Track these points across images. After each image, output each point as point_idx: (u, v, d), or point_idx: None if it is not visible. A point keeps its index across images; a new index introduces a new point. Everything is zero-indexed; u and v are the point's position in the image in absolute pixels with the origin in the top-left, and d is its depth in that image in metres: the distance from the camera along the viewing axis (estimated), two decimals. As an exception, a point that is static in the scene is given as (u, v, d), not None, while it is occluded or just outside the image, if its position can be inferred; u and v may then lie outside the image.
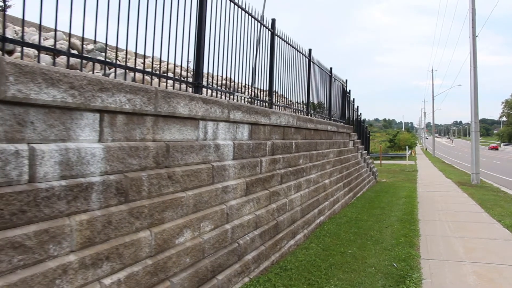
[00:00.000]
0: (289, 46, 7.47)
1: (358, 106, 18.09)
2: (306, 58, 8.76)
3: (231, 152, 4.83)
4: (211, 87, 4.89)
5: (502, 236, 7.37)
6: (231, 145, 4.83)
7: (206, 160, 4.32)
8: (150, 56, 6.06)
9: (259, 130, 5.65)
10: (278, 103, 7.09)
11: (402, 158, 38.76)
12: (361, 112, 19.12)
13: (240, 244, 4.78)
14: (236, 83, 5.64)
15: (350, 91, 15.29)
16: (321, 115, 10.13)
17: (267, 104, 6.49)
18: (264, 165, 5.71)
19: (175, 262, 3.66)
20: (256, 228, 5.28)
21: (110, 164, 3.08)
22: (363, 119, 21.00)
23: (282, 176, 6.35)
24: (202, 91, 4.66)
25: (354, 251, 6.22)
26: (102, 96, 2.99)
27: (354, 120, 16.31)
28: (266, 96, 6.54)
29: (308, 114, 8.84)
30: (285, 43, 7.22)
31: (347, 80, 14.41)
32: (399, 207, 10.52)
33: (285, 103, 7.50)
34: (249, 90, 6.05)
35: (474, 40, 17.86)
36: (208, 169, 4.31)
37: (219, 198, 4.49)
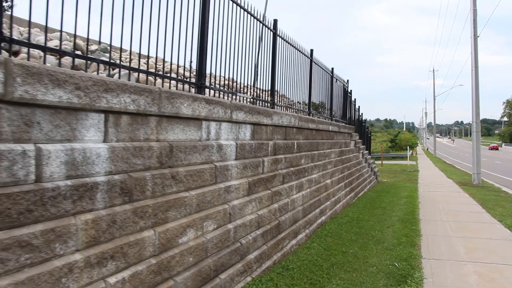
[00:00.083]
0: (290, 47, 7.49)
1: (359, 106, 18.11)
2: (307, 59, 8.79)
3: (233, 152, 4.85)
4: (213, 87, 4.92)
5: (503, 236, 7.39)
6: (233, 145, 4.86)
7: (209, 160, 4.35)
8: (153, 57, 6.11)
9: (261, 130, 5.68)
10: (280, 103, 7.12)
11: (403, 158, 38.75)
12: (362, 112, 19.13)
13: (242, 244, 4.81)
14: (238, 84, 5.66)
15: (351, 91, 15.31)
16: (322, 115, 10.15)
17: (269, 104, 6.52)
18: (266, 165, 5.74)
19: (178, 262, 3.69)
20: (258, 228, 5.31)
21: (114, 164, 3.11)
22: (365, 119, 21.01)
23: (284, 176, 6.38)
24: (205, 91, 4.68)
25: (355, 251, 6.24)
26: (107, 97, 3.02)
27: (355, 120, 16.32)
28: (268, 96, 6.56)
29: (310, 114, 8.86)
30: (287, 43, 7.25)
31: (348, 80, 14.42)
32: (400, 207, 10.53)
33: (287, 103, 7.52)
34: (251, 91, 6.07)
35: (475, 40, 17.87)
36: (211, 169, 4.34)
37: (221, 198, 4.52)
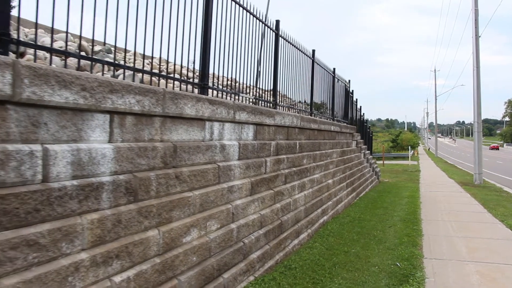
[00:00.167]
0: (292, 47, 7.52)
1: (361, 106, 18.12)
2: (309, 59, 8.82)
3: (236, 152, 4.88)
4: (217, 88, 4.95)
5: (505, 236, 7.40)
6: (236, 145, 4.89)
7: (212, 160, 4.38)
8: (156, 57, 6.14)
9: (263, 131, 5.71)
10: (282, 103, 7.14)
11: (405, 158, 38.74)
12: (363, 112, 19.14)
13: (245, 243, 4.84)
14: (241, 84, 5.69)
15: (353, 91, 15.33)
16: (324, 116, 10.17)
17: (271, 104, 6.55)
18: (269, 165, 5.76)
19: (182, 261, 3.72)
20: (261, 228, 5.34)
21: (119, 164, 3.14)
22: (366, 119, 21.02)
23: (286, 176, 6.41)
24: (208, 92, 4.71)
25: (357, 251, 6.27)
26: (112, 98, 3.06)
27: (357, 120, 16.33)
28: (270, 97, 6.59)
29: (312, 114, 8.88)
30: (289, 44, 7.28)
31: (350, 81, 14.44)
32: (402, 207, 10.55)
33: (289, 104, 7.55)
34: (253, 91, 6.11)
35: (477, 40, 17.87)
36: (214, 169, 4.37)
37: (225, 197, 4.55)
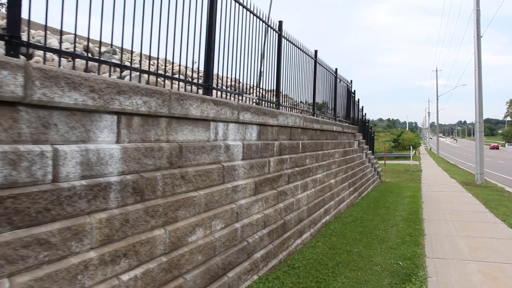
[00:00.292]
0: (295, 48, 7.56)
1: (363, 107, 18.15)
2: (312, 60, 8.85)
3: (240, 153, 4.93)
4: (221, 88, 4.99)
5: (506, 236, 7.44)
6: (240, 145, 4.93)
7: (217, 160, 4.42)
8: (162, 59, 6.19)
9: (267, 131, 5.75)
10: (285, 104, 7.18)
11: (406, 158, 38.75)
12: (365, 112, 19.17)
13: (249, 243, 4.89)
14: (244, 84, 5.73)
15: (355, 91, 15.36)
16: (326, 116, 10.21)
17: (274, 105, 6.59)
18: (272, 165, 5.81)
19: (188, 260, 3.77)
20: (265, 227, 5.39)
21: (127, 165, 3.19)
22: (368, 119, 21.04)
23: (289, 176, 6.45)
24: (212, 92, 4.76)
25: (360, 250, 6.31)
26: (120, 99, 3.10)
27: (359, 120, 16.36)
28: (274, 97, 6.63)
29: (314, 114, 8.92)
30: (291, 44, 7.32)
31: (352, 81, 14.48)
32: (404, 206, 10.59)
33: (291, 104, 7.59)
34: (256, 91, 6.15)
35: (478, 40, 17.87)
36: (218, 169, 4.42)
37: (229, 197, 4.59)
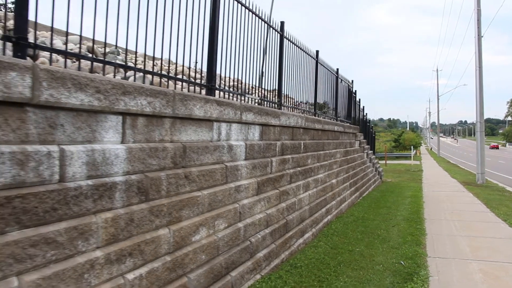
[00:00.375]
0: (297, 48, 7.59)
1: (364, 107, 18.16)
2: (313, 60, 8.88)
3: (243, 153, 4.96)
4: (223, 89, 5.02)
5: (507, 235, 7.46)
6: (243, 145, 4.96)
7: (220, 160, 4.45)
8: (164, 59, 6.21)
9: (269, 131, 5.78)
10: (287, 104, 7.21)
11: (407, 158, 38.77)
12: (366, 112, 19.19)
13: (252, 242, 4.92)
14: (246, 85, 5.76)
15: (356, 91, 15.39)
16: (328, 116, 10.24)
17: (276, 105, 6.62)
18: (274, 165, 5.84)
19: (191, 259, 3.80)
20: (267, 227, 5.42)
21: (132, 165, 3.22)
22: (368, 119, 21.05)
23: (291, 176, 6.48)
24: (215, 93, 4.79)
25: (362, 250, 6.34)
26: (125, 100, 3.13)
27: (360, 120, 16.38)
28: (275, 97, 6.66)
29: (316, 114, 8.95)
30: (293, 45, 7.35)
31: (353, 81, 14.51)
32: (405, 206, 10.61)
33: (293, 104, 7.62)
34: (258, 92, 6.17)
35: (479, 40, 17.89)
36: (222, 169, 4.45)
37: (232, 197, 4.62)
